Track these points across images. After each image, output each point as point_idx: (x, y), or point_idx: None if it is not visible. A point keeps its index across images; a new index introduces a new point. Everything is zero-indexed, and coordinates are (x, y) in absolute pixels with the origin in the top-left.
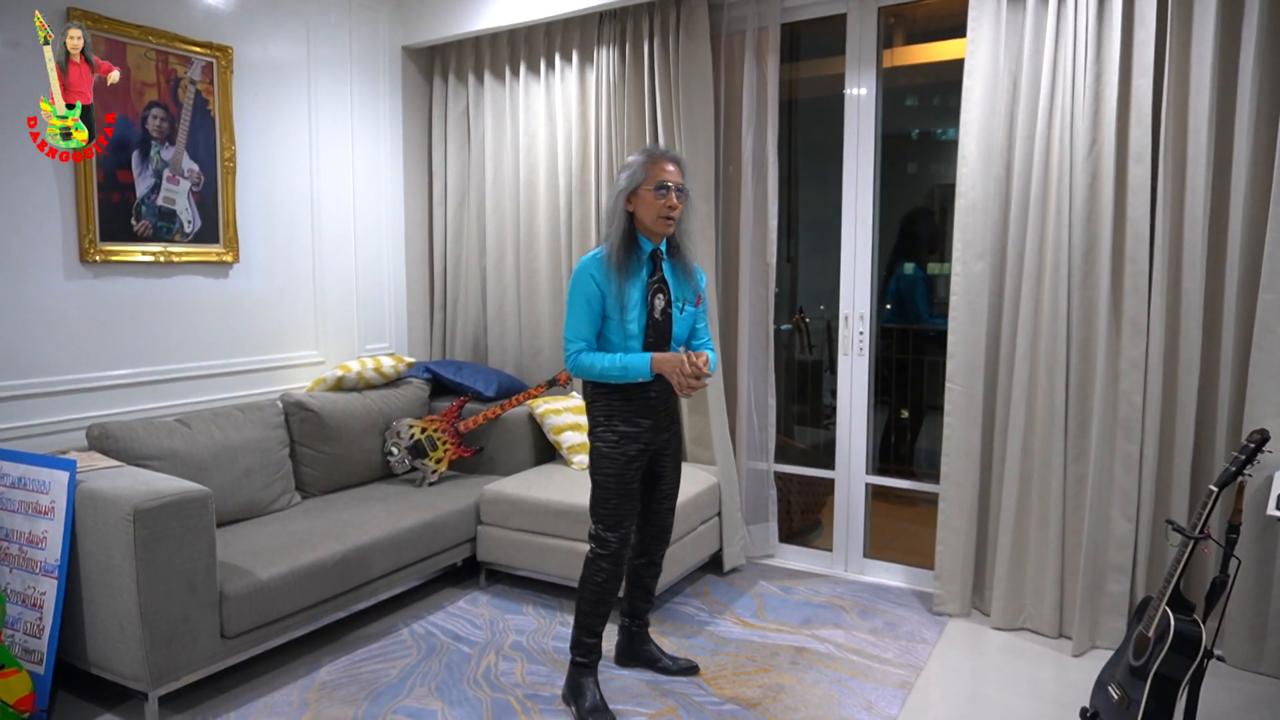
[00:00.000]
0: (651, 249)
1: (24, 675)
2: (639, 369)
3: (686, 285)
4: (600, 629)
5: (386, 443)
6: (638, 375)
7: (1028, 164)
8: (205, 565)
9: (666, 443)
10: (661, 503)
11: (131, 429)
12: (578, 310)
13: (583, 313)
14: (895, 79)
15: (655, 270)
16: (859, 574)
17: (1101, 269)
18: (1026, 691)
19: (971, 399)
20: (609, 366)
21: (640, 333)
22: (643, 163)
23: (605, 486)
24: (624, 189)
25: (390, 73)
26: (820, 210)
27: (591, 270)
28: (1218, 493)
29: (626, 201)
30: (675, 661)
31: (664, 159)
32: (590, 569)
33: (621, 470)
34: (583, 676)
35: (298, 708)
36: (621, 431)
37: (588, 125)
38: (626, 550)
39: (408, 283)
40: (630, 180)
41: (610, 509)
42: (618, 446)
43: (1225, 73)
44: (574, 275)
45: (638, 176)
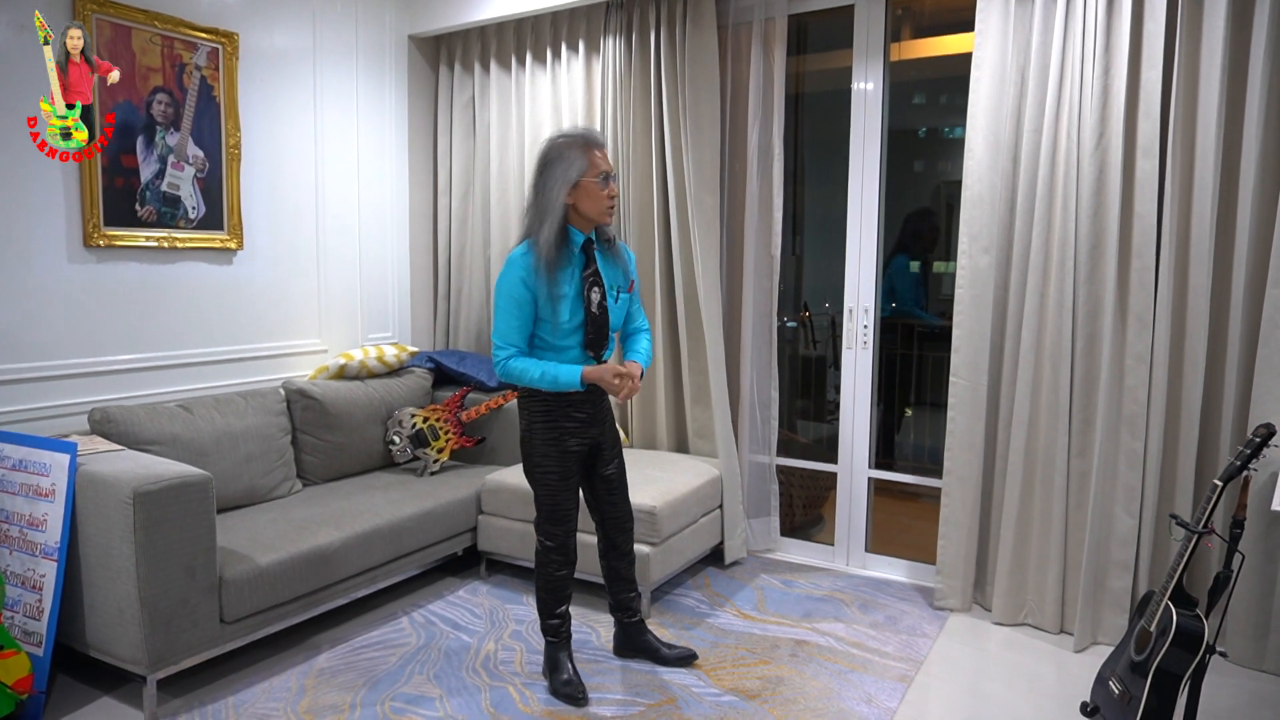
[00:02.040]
0: (583, 240)
1: (23, 657)
2: (569, 381)
3: (617, 271)
4: (561, 610)
5: (388, 431)
6: (568, 387)
7: (1035, 157)
8: (205, 550)
9: (601, 434)
10: (612, 493)
11: (133, 413)
12: (507, 314)
13: (513, 317)
14: (903, 73)
15: (589, 263)
16: (860, 568)
17: (1108, 263)
18: (1027, 686)
19: (975, 393)
20: (539, 379)
21: (578, 329)
22: (581, 150)
23: (547, 484)
24: (566, 180)
25: (396, 61)
26: (826, 205)
27: (520, 273)
28: (1222, 487)
29: (568, 194)
30: (673, 649)
31: (599, 145)
32: (543, 561)
33: (561, 465)
34: (557, 652)
35: (296, 693)
36: (561, 428)
37: (593, 116)
38: (573, 539)
39: (411, 272)
40: (574, 170)
41: (555, 504)
42: (556, 444)
43: (1235, 66)
44: (501, 277)
45: (579, 166)
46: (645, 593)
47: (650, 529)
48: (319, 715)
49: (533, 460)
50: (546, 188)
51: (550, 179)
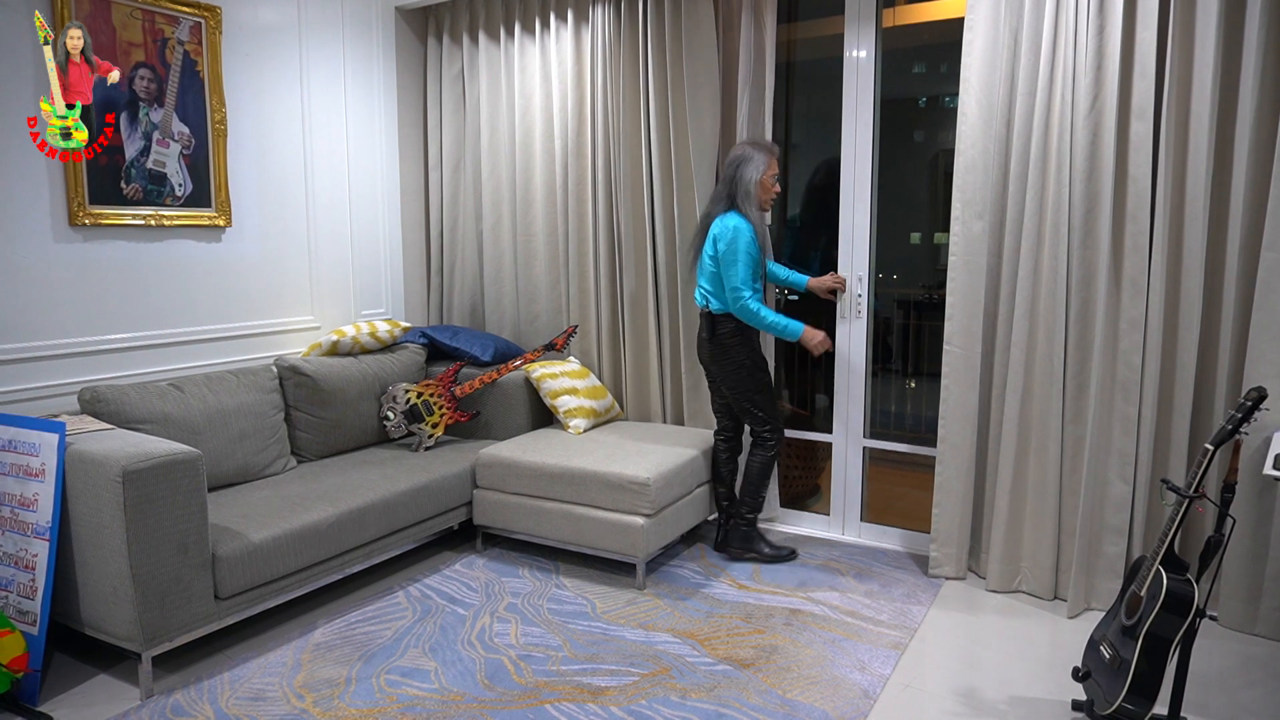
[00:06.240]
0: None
1: (17, 636)
2: (793, 333)
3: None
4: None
5: (383, 407)
6: (789, 337)
7: (1028, 121)
8: (197, 527)
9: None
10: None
11: (123, 392)
12: (745, 266)
13: (746, 267)
14: (897, 40)
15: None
16: (856, 537)
17: (1102, 228)
18: (1020, 652)
19: (969, 361)
20: (771, 323)
21: (759, 277)
22: (766, 158)
23: (767, 391)
24: (757, 176)
25: (383, 34)
26: (819, 175)
27: (751, 234)
28: (1214, 451)
29: (758, 185)
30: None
31: (776, 156)
32: (774, 451)
33: (766, 374)
34: (755, 529)
35: (292, 668)
36: (756, 348)
37: (583, 86)
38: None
39: (404, 247)
40: (762, 169)
41: (774, 406)
42: (759, 361)
43: (1231, 26)
44: (735, 239)
45: (763, 167)
46: (640, 563)
47: (643, 500)
48: (315, 689)
49: (756, 377)
50: (748, 180)
51: (749, 173)
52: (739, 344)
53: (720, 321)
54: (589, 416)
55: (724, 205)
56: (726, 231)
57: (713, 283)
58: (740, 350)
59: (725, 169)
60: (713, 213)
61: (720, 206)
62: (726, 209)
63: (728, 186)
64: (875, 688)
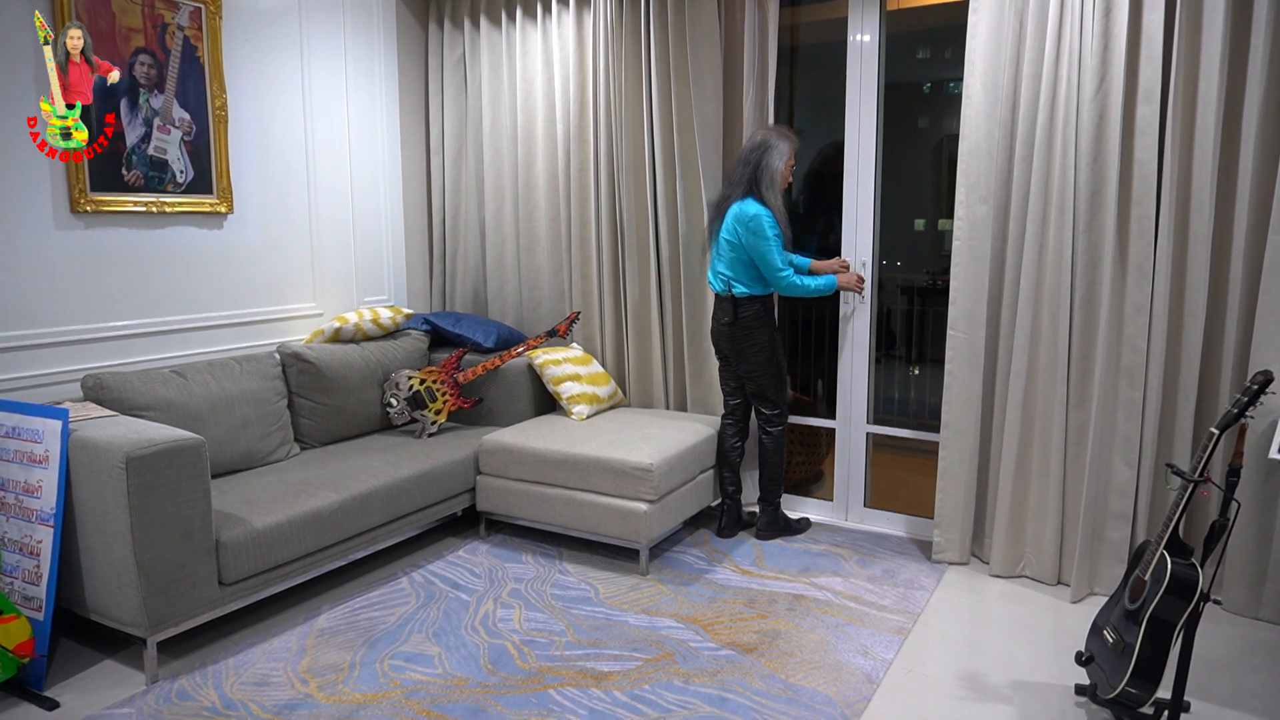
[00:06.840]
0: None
1: (23, 621)
2: (831, 286)
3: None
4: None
5: (385, 394)
6: (831, 291)
7: (1034, 104)
8: (200, 513)
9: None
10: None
11: (126, 379)
12: (778, 247)
13: (779, 249)
14: (902, 23)
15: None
16: (859, 523)
17: (1107, 212)
18: (1023, 637)
19: (973, 346)
20: (818, 286)
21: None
22: (789, 148)
23: (782, 372)
24: (781, 166)
25: (384, 18)
26: (823, 160)
27: (773, 217)
28: (1219, 435)
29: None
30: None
31: (796, 145)
32: (779, 433)
33: (784, 357)
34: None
35: (296, 653)
36: (778, 334)
37: (585, 71)
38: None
39: (406, 234)
40: (785, 158)
41: (785, 388)
42: (779, 344)
43: (1239, 8)
44: (760, 226)
45: (787, 156)
46: (644, 549)
47: (646, 486)
48: (319, 675)
49: (775, 358)
50: (772, 168)
51: (772, 161)
52: (762, 325)
53: (744, 305)
54: (592, 403)
55: (742, 190)
56: (749, 220)
57: (733, 268)
58: (763, 331)
59: (747, 154)
60: (731, 196)
61: (739, 191)
62: (745, 194)
63: (750, 171)
64: (878, 672)
